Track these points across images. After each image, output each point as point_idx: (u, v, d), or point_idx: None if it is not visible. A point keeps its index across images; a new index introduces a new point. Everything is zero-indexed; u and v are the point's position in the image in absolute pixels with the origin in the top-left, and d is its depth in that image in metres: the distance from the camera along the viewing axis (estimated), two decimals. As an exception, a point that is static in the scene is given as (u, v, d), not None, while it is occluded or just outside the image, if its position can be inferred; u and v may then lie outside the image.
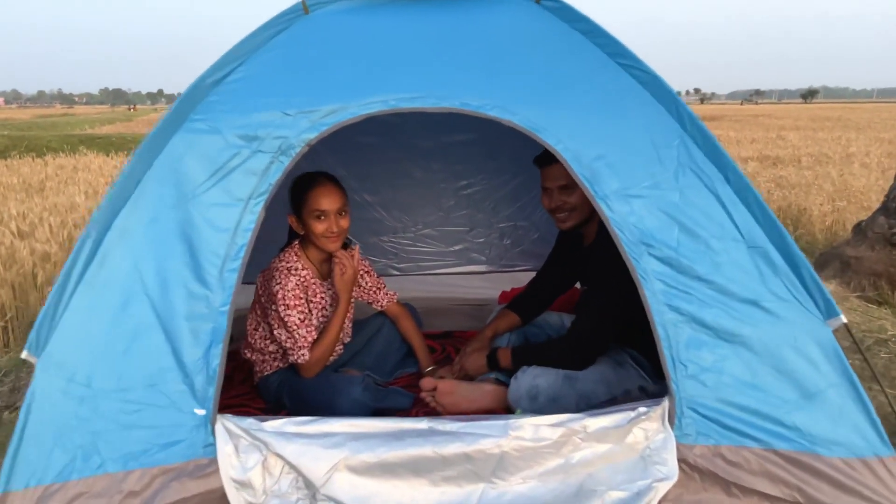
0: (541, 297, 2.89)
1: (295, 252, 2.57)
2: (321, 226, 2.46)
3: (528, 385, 2.39)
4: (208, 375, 1.90)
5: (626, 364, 2.52)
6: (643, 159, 2.01)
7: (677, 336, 1.91)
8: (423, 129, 3.46)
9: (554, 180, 2.50)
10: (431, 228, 3.74)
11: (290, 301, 2.45)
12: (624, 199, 2.00)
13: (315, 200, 2.45)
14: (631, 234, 1.98)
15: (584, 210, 2.47)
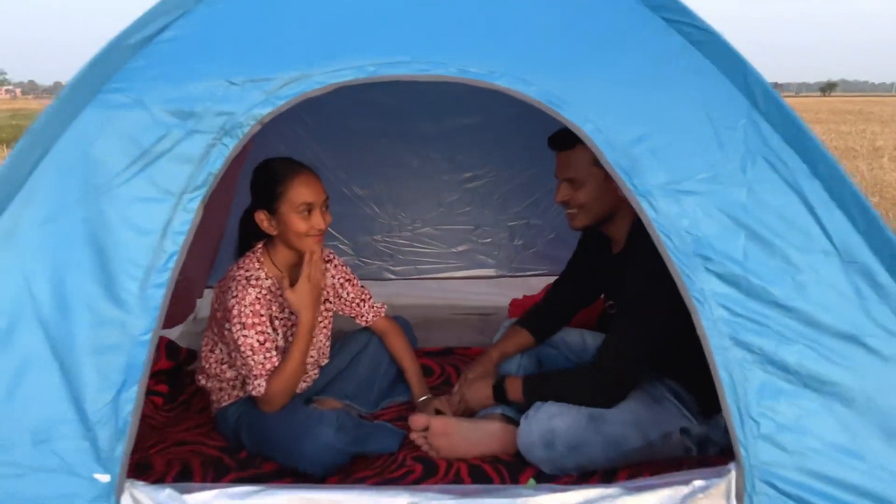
0: (558, 312, 2.40)
1: (258, 258, 2.11)
2: (306, 223, 2.02)
3: (542, 428, 1.92)
4: (117, 428, 1.44)
5: (665, 400, 2.03)
6: (698, 143, 1.53)
7: (746, 382, 1.42)
8: (421, 112, 3.03)
9: (561, 170, 2.04)
10: (431, 226, 3.34)
11: (246, 319, 1.99)
12: (672, 195, 1.51)
13: (298, 192, 2.00)
14: (682, 242, 1.50)
15: (595, 210, 2.02)
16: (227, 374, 2.17)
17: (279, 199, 2.02)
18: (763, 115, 1.51)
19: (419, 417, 2.09)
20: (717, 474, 1.39)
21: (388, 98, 2.93)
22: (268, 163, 2.09)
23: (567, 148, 2.01)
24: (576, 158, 1.99)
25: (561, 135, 2.02)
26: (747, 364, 1.43)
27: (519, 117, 2.98)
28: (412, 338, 2.53)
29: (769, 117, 1.51)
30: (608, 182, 1.97)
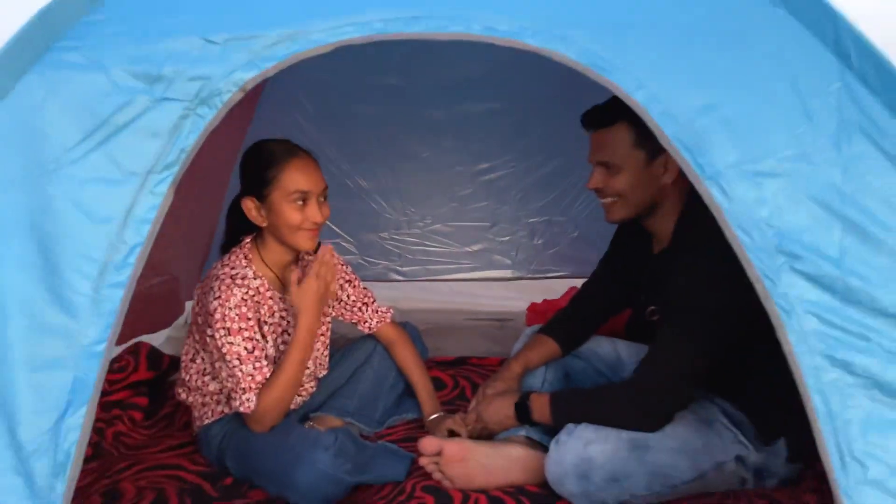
0: (587, 318, 2.12)
1: (245, 254, 1.84)
2: (300, 214, 1.76)
3: (576, 456, 1.64)
4: (57, 461, 1.16)
5: (717, 423, 1.75)
6: (780, 113, 1.25)
7: (847, 411, 1.13)
8: (432, 96, 2.80)
9: (595, 152, 1.76)
10: (443, 223, 3.10)
11: (231, 323, 1.73)
12: (749, 178, 1.23)
13: (293, 178, 1.75)
14: (761, 236, 1.21)
15: (636, 199, 1.74)
16: (210, 387, 1.90)
17: (270, 184, 1.75)
18: (859, 78, 1.22)
19: (430, 440, 1.80)
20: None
21: (395, 79, 2.71)
22: (261, 143, 1.83)
23: (604, 126, 1.72)
24: (613, 138, 1.71)
25: (596, 111, 1.75)
26: (848, 389, 1.14)
27: (542, 103, 2.77)
28: (422, 348, 2.25)
29: (867, 80, 1.22)
30: (651, 167, 1.69)
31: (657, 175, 1.70)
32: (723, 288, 1.57)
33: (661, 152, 1.67)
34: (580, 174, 2.85)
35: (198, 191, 2.24)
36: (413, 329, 2.25)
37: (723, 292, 1.58)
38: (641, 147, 1.68)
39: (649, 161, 1.69)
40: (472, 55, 2.64)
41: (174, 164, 1.32)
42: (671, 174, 1.70)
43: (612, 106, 1.70)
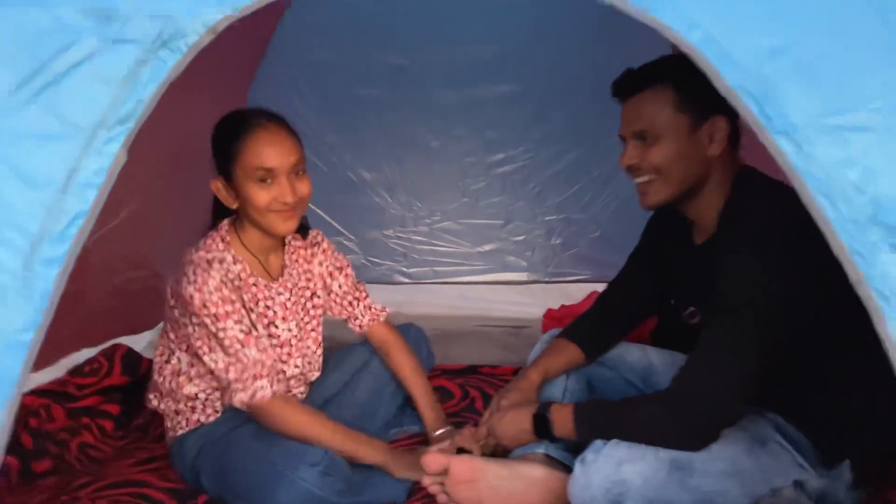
0: (614, 322, 1.87)
1: (222, 237, 1.64)
2: (266, 194, 1.56)
3: (607, 478, 1.39)
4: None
5: (772, 442, 1.49)
6: (869, 56, 1.00)
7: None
8: (442, 77, 2.64)
9: (628, 122, 1.52)
10: (452, 220, 2.90)
11: (216, 308, 1.53)
12: (832, 133, 0.98)
13: (254, 152, 1.54)
14: (849, 205, 0.97)
15: (678, 175, 1.49)
16: (185, 390, 1.67)
17: (233, 160, 1.56)
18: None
19: (435, 457, 1.56)
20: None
21: (401, 59, 2.56)
22: (230, 114, 1.63)
23: (640, 90, 1.49)
24: (650, 104, 1.47)
25: (631, 75, 1.52)
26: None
27: (562, 85, 2.61)
28: (428, 353, 2.02)
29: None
30: (695, 135, 1.46)
31: (702, 145, 1.47)
32: (783, 281, 1.34)
33: (706, 118, 1.44)
34: (603, 166, 2.72)
35: (187, 180, 2.04)
36: (419, 332, 2.02)
37: (783, 286, 1.35)
38: (684, 111, 1.44)
39: (693, 128, 1.45)
40: (486, 33, 2.48)
41: (129, 119, 1.09)
42: (718, 145, 1.46)
43: (649, 67, 1.51)
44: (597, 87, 2.48)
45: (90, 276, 1.93)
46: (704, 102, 1.43)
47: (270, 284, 1.68)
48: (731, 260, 1.42)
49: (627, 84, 1.52)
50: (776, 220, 1.42)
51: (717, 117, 1.44)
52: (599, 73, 2.37)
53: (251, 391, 1.54)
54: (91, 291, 1.96)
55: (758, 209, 1.45)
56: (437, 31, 2.47)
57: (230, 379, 1.55)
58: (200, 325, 1.55)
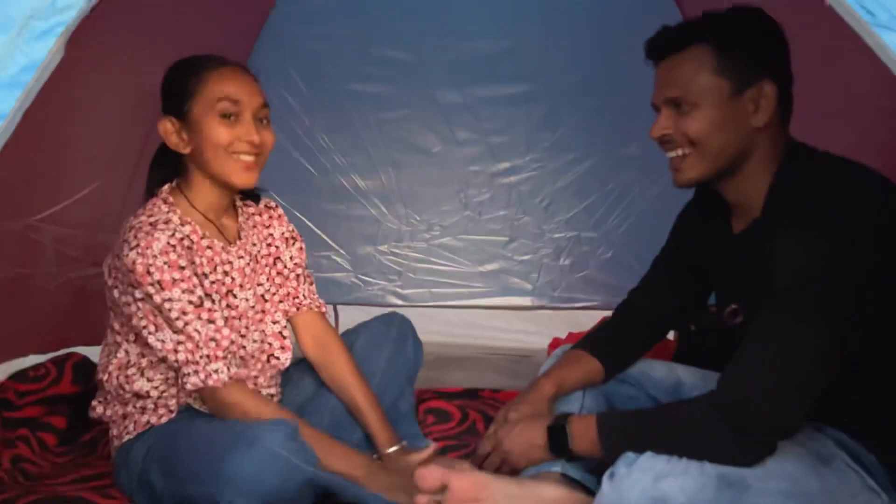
0: (636, 333, 1.66)
1: (164, 199, 1.47)
2: (229, 131, 1.42)
3: (643, 495, 1.16)
4: None
5: (837, 460, 1.26)
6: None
7: None
8: (445, 74, 2.52)
9: (662, 88, 1.34)
10: (453, 236, 2.73)
11: (161, 275, 1.36)
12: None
13: (220, 85, 1.44)
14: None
15: (717, 148, 1.31)
16: (136, 386, 1.45)
17: (192, 96, 1.42)
18: None
19: (431, 471, 1.31)
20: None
21: (402, 52, 2.45)
22: (185, 58, 1.49)
23: (676, 50, 1.31)
24: (689, 65, 1.29)
25: (667, 32, 1.34)
26: None
27: (575, 86, 2.48)
28: (415, 342, 1.75)
29: None
30: (737, 102, 1.28)
31: (745, 114, 1.28)
32: (856, 263, 1.15)
33: (751, 84, 1.26)
34: (618, 178, 2.56)
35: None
36: (403, 321, 1.75)
37: (856, 269, 1.15)
38: (725, 75, 1.27)
39: (735, 94, 1.27)
40: (495, 26, 2.39)
41: (70, 8, 0.91)
42: (765, 114, 1.27)
43: (688, 25, 1.34)
44: (613, 88, 2.39)
45: (40, 260, 1.75)
46: (749, 65, 1.27)
47: (228, 248, 1.50)
48: (787, 236, 1.21)
49: (662, 43, 1.34)
50: (845, 191, 1.23)
51: (765, 82, 1.26)
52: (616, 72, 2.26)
53: (204, 374, 1.35)
54: (40, 279, 1.78)
55: (820, 180, 1.26)
56: (441, 23, 2.37)
57: (180, 361, 1.36)
58: (144, 300, 1.37)
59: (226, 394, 1.38)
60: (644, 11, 2.17)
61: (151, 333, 1.38)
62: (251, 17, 2.34)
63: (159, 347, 1.37)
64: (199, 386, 1.36)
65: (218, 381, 1.36)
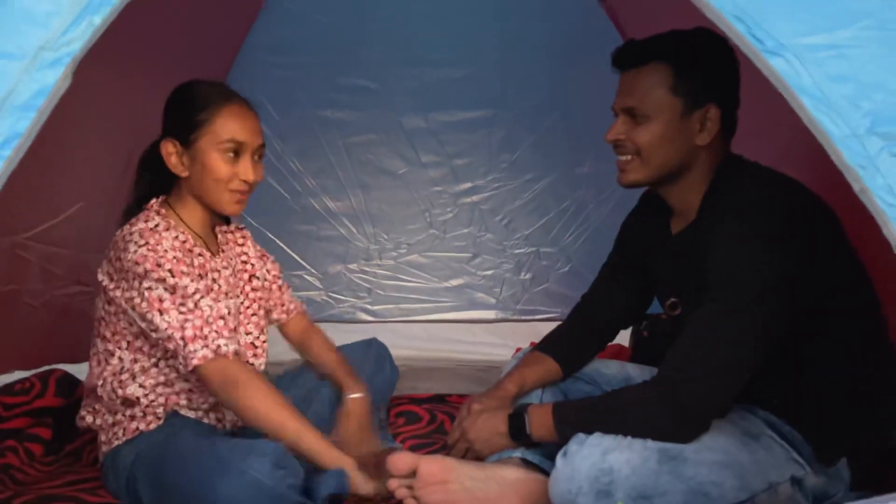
0: (591, 333, 1.78)
1: (156, 211, 1.54)
2: (229, 168, 1.50)
3: (593, 468, 1.27)
4: None
5: (765, 437, 1.39)
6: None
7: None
8: (409, 101, 2.60)
9: (623, 96, 1.45)
10: (419, 254, 2.79)
11: (170, 265, 1.44)
12: (824, 51, 0.95)
13: (228, 125, 1.50)
14: (847, 119, 0.92)
15: (660, 158, 1.43)
16: (128, 390, 1.51)
17: (200, 128, 1.49)
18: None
19: (402, 457, 1.42)
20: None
21: (368, 81, 2.53)
22: (193, 82, 1.57)
23: (638, 64, 1.43)
24: (646, 80, 1.41)
25: (633, 46, 1.46)
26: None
27: (534, 111, 2.58)
28: (392, 367, 1.89)
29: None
30: (686, 121, 1.40)
31: (691, 133, 1.41)
32: (779, 258, 1.28)
33: (699, 105, 1.39)
34: (573, 196, 2.68)
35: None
36: (381, 347, 1.90)
37: (779, 263, 1.28)
38: (678, 95, 1.39)
39: (685, 113, 1.40)
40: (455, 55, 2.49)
41: (76, 40, 1.01)
42: (708, 134, 1.41)
43: (652, 42, 1.45)
44: (566, 112, 2.53)
45: (27, 276, 1.79)
46: (701, 89, 1.40)
47: (214, 258, 1.60)
48: (719, 235, 1.35)
49: (627, 55, 1.46)
50: (770, 197, 1.38)
51: (712, 106, 1.40)
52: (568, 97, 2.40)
53: (213, 346, 1.40)
54: (27, 296, 1.81)
55: (748, 187, 1.40)
56: (405, 53, 2.46)
57: (187, 337, 1.40)
58: (152, 288, 1.42)
59: (233, 368, 1.41)
60: (591, 41, 2.28)
61: (158, 317, 1.41)
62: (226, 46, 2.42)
63: (167, 327, 1.40)
64: (209, 358, 1.39)
65: (228, 353, 1.40)
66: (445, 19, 2.46)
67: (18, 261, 1.77)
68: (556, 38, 2.46)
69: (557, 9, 2.43)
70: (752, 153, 1.51)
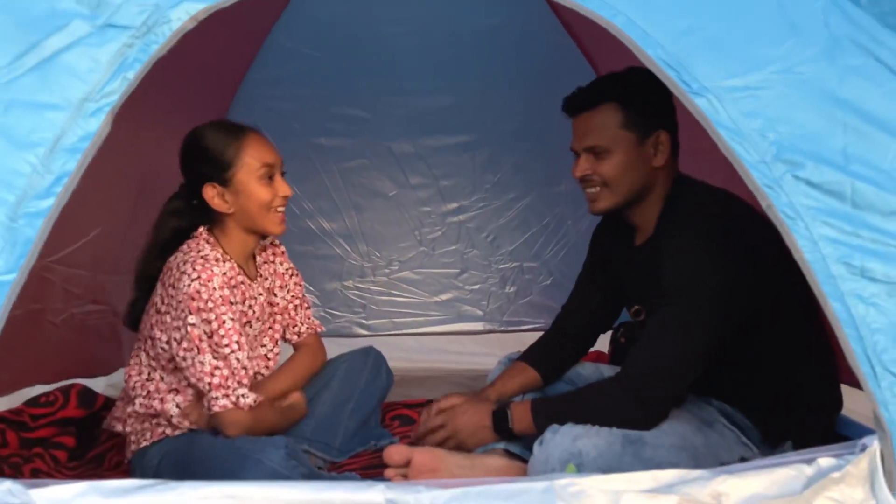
0: (571, 340, 1.94)
1: (205, 240, 1.67)
2: (269, 191, 1.65)
3: (564, 452, 1.44)
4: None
5: (717, 423, 1.57)
6: (766, 31, 1.18)
7: (871, 319, 0.99)
8: (398, 128, 2.75)
9: (580, 138, 1.63)
10: (410, 270, 2.92)
11: (216, 306, 1.56)
12: (738, 92, 1.15)
13: (257, 153, 1.66)
14: (757, 148, 1.12)
15: (625, 186, 1.61)
16: (165, 406, 1.65)
17: (233, 165, 1.63)
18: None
19: (397, 449, 1.59)
20: (849, 450, 0.92)
21: (361, 110, 2.67)
22: (201, 129, 1.70)
23: (589, 108, 1.61)
24: (600, 120, 1.60)
25: (581, 93, 1.64)
26: (870, 298, 1.01)
27: (514, 135, 2.73)
28: (388, 372, 2.04)
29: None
30: (642, 148, 1.59)
31: (648, 157, 1.60)
32: (722, 264, 1.46)
33: (650, 133, 1.59)
34: (552, 213, 2.84)
35: (147, 211, 2.08)
36: (378, 355, 2.04)
37: (723, 268, 1.46)
38: (631, 128, 1.58)
39: (640, 142, 1.59)
40: (440, 86, 2.63)
41: (114, 93, 1.20)
42: (662, 155, 1.60)
43: (597, 86, 1.64)
44: (543, 135, 2.68)
45: (51, 296, 1.93)
46: (648, 119, 1.58)
47: (252, 284, 1.73)
48: (672, 248, 1.53)
49: (577, 102, 1.64)
50: (712, 212, 1.56)
51: (661, 132, 1.59)
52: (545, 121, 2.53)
53: (234, 397, 1.55)
54: (50, 314, 1.96)
55: (693, 203, 1.59)
56: (394, 84, 2.60)
57: (213, 384, 1.55)
58: (196, 325, 1.55)
59: (245, 420, 1.57)
60: (564, 70, 2.46)
61: (195, 356, 1.56)
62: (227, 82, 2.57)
63: (199, 369, 1.55)
64: (228, 408, 1.55)
65: (245, 405, 1.56)
66: (430, 53, 2.60)
67: (43, 282, 1.89)
68: (532, 70, 2.61)
69: (532, 42, 2.59)
70: (703, 175, 1.70)
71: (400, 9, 2.54)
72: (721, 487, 0.84)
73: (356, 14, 2.55)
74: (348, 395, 1.90)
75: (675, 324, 1.49)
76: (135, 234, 2.31)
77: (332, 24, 2.58)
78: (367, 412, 1.93)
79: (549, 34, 2.55)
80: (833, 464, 0.89)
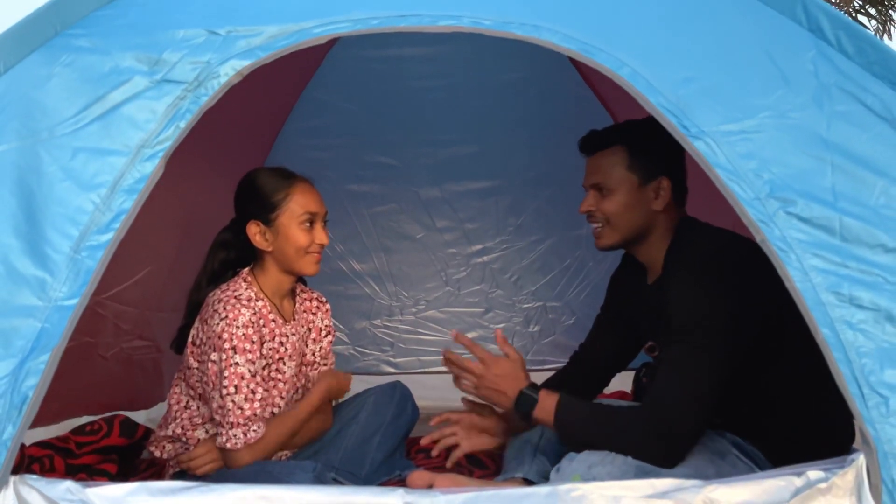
0: (591, 375, 2.00)
1: (244, 279, 1.80)
2: (307, 236, 1.77)
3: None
4: (12, 404, 1.07)
5: (729, 455, 1.61)
6: (759, 81, 1.29)
7: (858, 344, 1.06)
8: (425, 174, 2.88)
9: (590, 175, 1.74)
10: (436, 309, 3.01)
11: (239, 343, 1.67)
12: (733, 135, 1.26)
13: (302, 200, 1.77)
14: (751, 186, 1.21)
15: (625, 224, 1.70)
16: (196, 433, 1.78)
17: (278, 207, 1.76)
18: (834, 46, 1.28)
19: (420, 475, 1.64)
20: (838, 465, 0.99)
21: (390, 158, 2.80)
22: (258, 170, 1.85)
23: (600, 149, 1.73)
24: (608, 161, 1.70)
25: (594, 135, 1.75)
26: (858, 324, 1.09)
27: (535, 181, 2.84)
28: (414, 408, 2.11)
29: (842, 47, 1.27)
30: (642, 191, 1.69)
31: (648, 200, 1.69)
32: (724, 303, 1.52)
33: (653, 178, 1.68)
34: (574, 255, 2.92)
35: (192, 251, 2.20)
36: (404, 389, 2.11)
37: (724, 308, 1.52)
38: (634, 171, 1.69)
39: (641, 185, 1.69)
40: (465, 135, 2.75)
41: (168, 140, 1.34)
42: (662, 200, 1.69)
43: (609, 131, 1.75)
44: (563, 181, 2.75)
45: (103, 330, 2.06)
46: (652, 165, 1.68)
47: (285, 324, 1.83)
48: (676, 289, 1.59)
49: (591, 142, 1.76)
50: (713, 253, 1.62)
51: (662, 178, 1.68)
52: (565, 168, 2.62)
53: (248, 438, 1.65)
54: (101, 348, 2.08)
55: (698, 244, 1.66)
56: (422, 134, 2.74)
57: (232, 422, 1.66)
58: (216, 362, 1.67)
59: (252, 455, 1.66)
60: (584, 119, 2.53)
61: (210, 391, 1.69)
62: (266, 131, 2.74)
63: (220, 404, 1.66)
64: (239, 447, 1.65)
65: (233, 445, 1.65)
66: (456, 105, 2.74)
67: (96, 317, 2.02)
68: (553, 120, 2.72)
69: (554, 94, 2.71)
70: (714, 218, 1.77)
71: (428, 65, 2.68)
72: (713, 494, 0.91)
73: (387, 69, 2.70)
74: (376, 428, 1.97)
75: (685, 361, 1.54)
76: (179, 273, 2.44)
77: (364, 78, 2.73)
78: (393, 444, 2.00)
79: (570, 87, 2.67)
80: (821, 476, 0.95)
